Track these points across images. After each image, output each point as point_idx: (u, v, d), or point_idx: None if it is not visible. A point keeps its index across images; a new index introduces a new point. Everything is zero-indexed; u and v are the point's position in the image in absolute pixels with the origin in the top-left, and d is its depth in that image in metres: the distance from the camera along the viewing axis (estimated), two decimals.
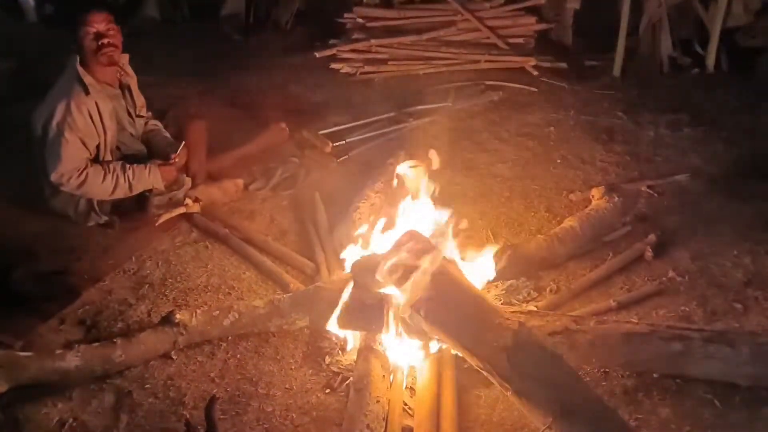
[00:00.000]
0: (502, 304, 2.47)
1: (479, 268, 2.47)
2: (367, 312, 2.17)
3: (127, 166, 3.00)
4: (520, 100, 4.45)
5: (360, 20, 5.16)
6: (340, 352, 2.33)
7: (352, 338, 2.32)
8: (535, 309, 2.38)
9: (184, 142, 3.17)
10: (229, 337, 2.38)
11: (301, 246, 2.95)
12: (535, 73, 4.79)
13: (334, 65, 5.00)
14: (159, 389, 2.18)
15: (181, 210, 3.10)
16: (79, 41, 2.90)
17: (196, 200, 3.15)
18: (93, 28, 2.89)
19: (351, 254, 2.50)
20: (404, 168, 2.70)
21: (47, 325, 2.44)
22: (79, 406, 2.10)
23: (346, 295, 2.23)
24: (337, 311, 2.23)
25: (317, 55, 5.06)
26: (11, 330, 2.38)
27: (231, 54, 5.43)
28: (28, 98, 3.12)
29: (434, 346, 2.19)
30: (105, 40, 2.90)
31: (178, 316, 2.29)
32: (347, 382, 2.18)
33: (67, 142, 2.85)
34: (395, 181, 2.76)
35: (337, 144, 3.78)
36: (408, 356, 2.20)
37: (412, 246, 2.05)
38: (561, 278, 2.68)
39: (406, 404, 2.12)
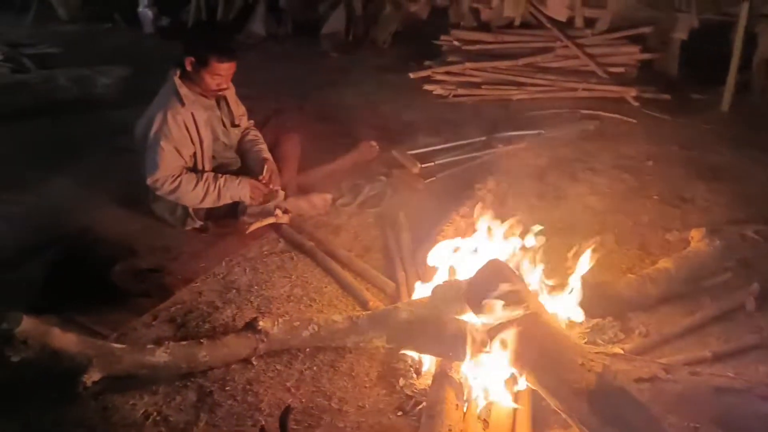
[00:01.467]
0: (585, 343, 2.38)
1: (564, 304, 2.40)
2: (447, 340, 2.14)
3: (220, 175, 3.13)
4: (617, 130, 4.31)
5: (456, 43, 5.18)
6: (414, 375, 2.31)
7: (428, 362, 2.30)
8: (621, 352, 2.27)
9: (266, 165, 3.22)
10: (307, 349, 2.41)
11: (383, 264, 2.96)
12: (636, 103, 4.63)
13: (427, 86, 5.04)
14: (238, 392, 2.24)
15: (271, 220, 3.19)
16: (197, 70, 3.01)
17: (285, 212, 3.24)
18: (221, 75, 3.03)
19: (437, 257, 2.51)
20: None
21: (141, 320, 2.57)
22: (164, 401, 2.19)
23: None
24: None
25: (411, 75, 5.12)
26: (108, 322, 2.53)
27: (328, 70, 5.60)
28: (138, 104, 3.34)
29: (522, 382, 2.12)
30: (224, 86, 3.10)
31: (260, 323, 2.34)
32: (420, 406, 2.15)
33: (163, 151, 3.01)
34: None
35: (426, 165, 3.79)
36: (487, 387, 2.15)
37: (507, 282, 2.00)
38: (651, 321, 2.54)
39: None
